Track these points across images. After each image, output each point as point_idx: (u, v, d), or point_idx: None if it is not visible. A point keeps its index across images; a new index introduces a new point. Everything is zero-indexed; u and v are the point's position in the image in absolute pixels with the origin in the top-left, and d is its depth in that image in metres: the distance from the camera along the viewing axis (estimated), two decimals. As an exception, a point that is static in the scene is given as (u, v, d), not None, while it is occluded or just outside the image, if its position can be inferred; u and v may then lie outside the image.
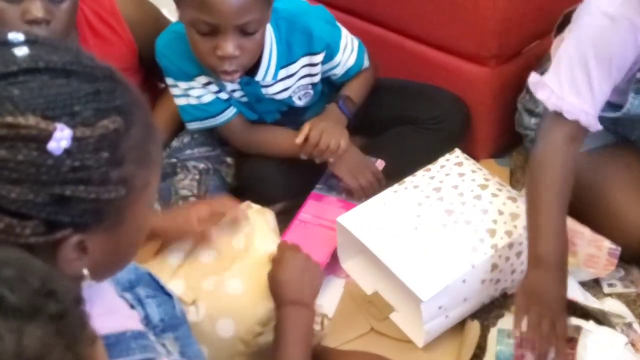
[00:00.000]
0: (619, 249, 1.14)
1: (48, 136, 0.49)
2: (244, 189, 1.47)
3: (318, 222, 1.36)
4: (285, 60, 1.28)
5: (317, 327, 1.04)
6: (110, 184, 0.53)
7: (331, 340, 1.18)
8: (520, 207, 1.15)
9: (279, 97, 1.34)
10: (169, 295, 0.80)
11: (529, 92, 1.41)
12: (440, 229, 1.12)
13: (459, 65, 1.49)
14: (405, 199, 1.18)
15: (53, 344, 0.36)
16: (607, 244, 1.15)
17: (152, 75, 1.48)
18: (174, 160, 1.46)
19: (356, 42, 1.38)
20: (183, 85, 1.29)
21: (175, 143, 1.50)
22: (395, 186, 1.23)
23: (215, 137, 1.53)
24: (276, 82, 1.30)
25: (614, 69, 1.04)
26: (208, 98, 1.31)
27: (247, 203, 1.14)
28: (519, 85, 1.47)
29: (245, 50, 1.14)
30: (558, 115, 1.07)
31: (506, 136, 1.56)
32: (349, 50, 1.36)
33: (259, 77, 1.26)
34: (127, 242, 0.60)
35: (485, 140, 1.54)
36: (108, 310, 0.63)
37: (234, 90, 1.31)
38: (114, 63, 1.38)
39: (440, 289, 1.04)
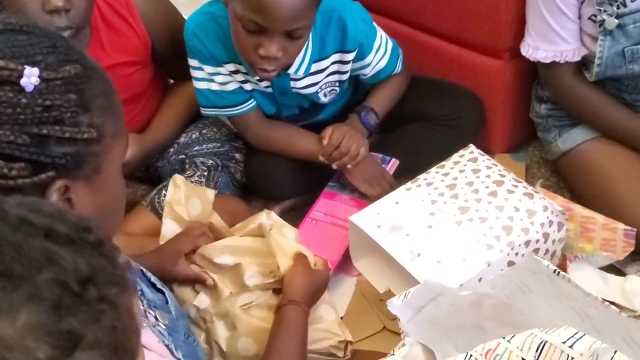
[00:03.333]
0: (634, 229, 1.14)
1: (19, 75, 0.56)
2: (252, 185, 1.46)
3: (330, 221, 1.34)
4: (318, 54, 1.26)
5: (339, 354, 1.03)
6: (83, 126, 0.60)
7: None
8: (536, 203, 1.13)
9: (306, 91, 1.32)
10: (160, 292, 0.80)
11: (538, 79, 1.40)
12: (454, 227, 1.10)
13: (473, 58, 1.46)
14: (419, 196, 1.16)
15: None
16: (620, 226, 1.15)
17: (162, 70, 1.47)
18: (182, 156, 1.45)
19: (390, 45, 1.35)
20: (209, 69, 1.27)
21: (183, 139, 1.48)
22: (409, 184, 1.21)
23: (224, 133, 1.52)
24: (306, 77, 1.28)
25: (560, 4, 1.18)
26: (232, 86, 1.29)
27: (267, 212, 1.10)
28: (533, 77, 1.44)
29: (287, 52, 1.13)
30: (541, 64, 1.26)
31: (521, 131, 1.53)
32: (381, 53, 1.33)
33: (291, 70, 1.24)
34: (109, 200, 0.65)
35: (500, 135, 1.51)
36: None
37: (260, 81, 1.28)
38: (126, 56, 1.39)
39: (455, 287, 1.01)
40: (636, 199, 1.19)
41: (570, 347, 0.66)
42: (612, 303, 0.95)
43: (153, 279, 0.80)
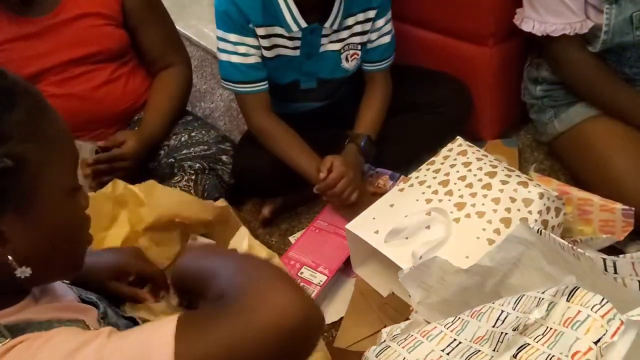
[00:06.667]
0: (633, 208, 1.13)
1: None
2: (240, 184, 1.46)
3: (333, 230, 1.35)
4: (348, 10, 1.30)
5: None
6: None
7: (344, 340, 1.17)
8: (532, 191, 1.12)
9: (332, 47, 1.34)
10: (129, 319, 0.78)
11: (531, 60, 1.38)
12: (453, 225, 1.09)
13: (457, 46, 1.45)
14: (413, 196, 1.15)
15: None
16: (619, 206, 1.14)
17: (141, 57, 1.52)
18: (171, 160, 1.48)
19: (393, 30, 1.40)
20: (233, 37, 1.28)
21: (173, 142, 1.52)
22: (401, 184, 1.20)
23: (212, 136, 1.53)
24: (335, 32, 1.32)
25: None
26: (253, 59, 1.30)
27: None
28: (520, 62, 1.43)
29: None
30: (549, 38, 1.24)
31: (511, 115, 1.52)
32: (389, 26, 1.38)
33: (327, 24, 1.28)
34: (54, 232, 0.61)
35: (491, 122, 1.50)
36: (49, 305, 0.65)
37: (292, 39, 1.30)
38: (96, 7, 1.47)
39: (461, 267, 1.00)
40: (635, 177, 1.18)
41: (543, 292, 0.69)
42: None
43: (118, 310, 0.77)
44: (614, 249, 1.18)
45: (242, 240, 0.86)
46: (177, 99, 1.53)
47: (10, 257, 0.58)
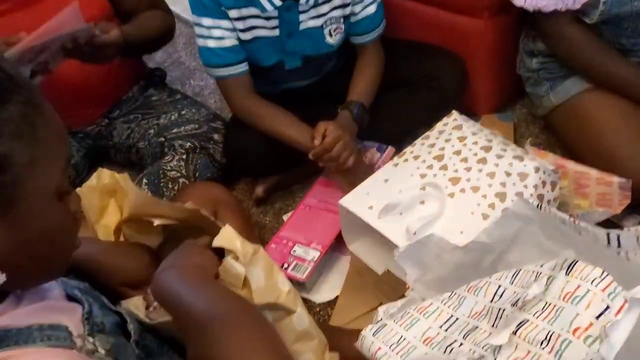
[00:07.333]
0: (630, 180, 1.12)
1: None
2: (232, 163, 1.44)
3: (324, 207, 1.34)
4: None
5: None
6: None
7: (340, 317, 1.17)
8: (527, 165, 1.10)
9: (313, 24, 1.31)
10: (116, 313, 0.75)
11: (527, 33, 1.36)
12: (447, 200, 1.07)
13: (452, 19, 1.43)
14: (407, 172, 1.13)
15: None
16: (616, 179, 1.13)
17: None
18: (161, 139, 1.45)
19: (378, 0, 1.36)
20: (207, 21, 1.27)
21: (163, 120, 1.49)
22: (395, 159, 1.18)
23: (202, 114, 1.51)
24: (313, 7, 1.28)
25: None
26: (229, 42, 1.29)
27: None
28: (516, 35, 1.41)
29: None
30: (541, 14, 1.21)
31: (507, 89, 1.50)
32: None
33: (303, 0, 1.25)
34: (38, 237, 0.58)
35: (486, 96, 1.49)
36: (30, 307, 0.62)
37: (269, 18, 1.27)
38: None
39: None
40: (631, 150, 1.18)
41: (541, 266, 0.68)
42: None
43: (107, 301, 0.74)
44: (610, 223, 1.17)
45: (230, 239, 0.81)
46: (159, 21, 1.47)
47: None
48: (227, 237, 0.77)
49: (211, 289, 0.68)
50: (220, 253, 0.78)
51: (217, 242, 0.75)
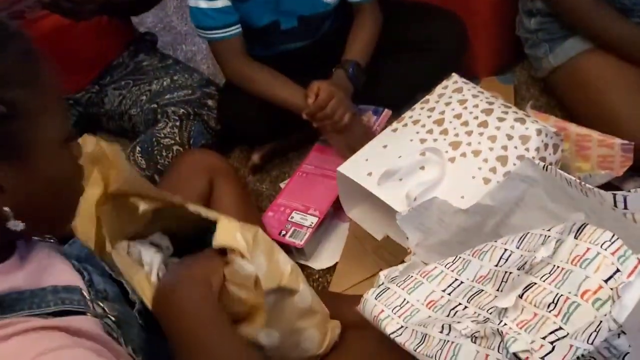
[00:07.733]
0: (632, 143, 1.11)
1: None
2: (226, 129, 1.42)
3: (320, 173, 1.32)
4: None
5: None
6: None
7: (339, 284, 1.16)
8: (529, 128, 1.08)
9: None
10: (117, 282, 0.74)
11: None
12: (448, 165, 1.05)
13: (451, -22, 1.39)
14: (407, 137, 1.11)
15: None
16: (617, 140, 1.12)
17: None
18: (154, 105, 1.43)
19: None
20: None
21: (155, 86, 1.46)
22: (394, 124, 1.16)
23: (195, 79, 1.48)
24: None
25: None
26: (220, 3, 1.25)
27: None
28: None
29: None
30: None
31: (507, 51, 1.47)
32: None
33: None
34: (49, 183, 0.59)
35: (485, 58, 1.46)
36: (38, 267, 0.62)
37: None
38: None
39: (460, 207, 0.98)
40: (632, 111, 1.16)
41: (549, 230, 0.67)
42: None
43: (108, 269, 0.74)
44: (611, 186, 1.16)
45: (229, 233, 0.76)
46: None
47: (7, 208, 0.56)
48: (226, 232, 0.72)
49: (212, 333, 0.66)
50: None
51: (217, 242, 0.72)
